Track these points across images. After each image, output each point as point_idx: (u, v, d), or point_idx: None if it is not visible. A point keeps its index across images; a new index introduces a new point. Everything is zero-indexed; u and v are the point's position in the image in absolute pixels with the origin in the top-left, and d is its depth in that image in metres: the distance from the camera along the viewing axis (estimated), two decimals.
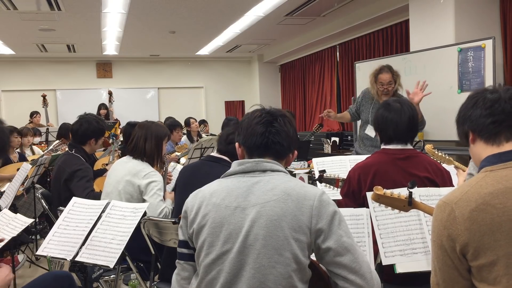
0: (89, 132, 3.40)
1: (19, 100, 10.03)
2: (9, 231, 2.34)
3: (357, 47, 7.80)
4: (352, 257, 1.41)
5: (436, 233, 1.31)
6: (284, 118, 1.56)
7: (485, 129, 1.35)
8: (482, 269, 1.24)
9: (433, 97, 4.88)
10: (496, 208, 1.23)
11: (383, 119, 2.28)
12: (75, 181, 3.19)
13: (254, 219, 1.41)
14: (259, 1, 6.22)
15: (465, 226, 1.24)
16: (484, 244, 1.23)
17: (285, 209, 1.42)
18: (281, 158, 1.56)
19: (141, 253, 2.62)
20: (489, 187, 1.26)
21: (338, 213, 1.46)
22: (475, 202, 1.25)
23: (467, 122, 1.39)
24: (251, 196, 1.46)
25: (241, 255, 1.40)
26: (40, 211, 4.54)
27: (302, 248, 1.40)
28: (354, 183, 2.26)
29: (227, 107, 11.77)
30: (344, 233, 1.43)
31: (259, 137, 1.52)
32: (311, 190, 1.47)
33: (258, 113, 1.57)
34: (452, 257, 1.28)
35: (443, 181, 2.23)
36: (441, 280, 1.33)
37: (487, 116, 1.34)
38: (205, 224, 1.48)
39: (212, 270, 1.44)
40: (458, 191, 1.31)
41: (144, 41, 8.85)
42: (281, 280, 1.38)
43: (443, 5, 4.85)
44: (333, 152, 6.87)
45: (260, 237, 1.39)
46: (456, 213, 1.26)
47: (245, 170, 1.52)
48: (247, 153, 1.57)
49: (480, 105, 1.36)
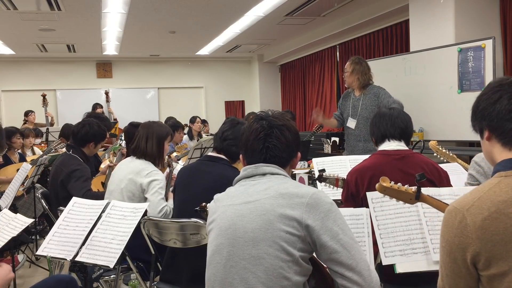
0: (89, 136, 3.42)
1: (19, 100, 10.02)
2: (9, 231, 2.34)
3: (357, 47, 7.80)
4: (348, 254, 1.42)
5: (446, 239, 1.25)
6: (281, 127, 1.58)
7: (505, 134, 1.27)
8: (493, 279, 1.19)
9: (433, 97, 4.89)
10: (510, 218, 1.16)
11: (378, 119, 2.36)
12: (72, 182, 3.20)
13: (244, 214, 1.48)
14: (259, 1, 6.22)
15: (477, 235, 1.18)
16: (496, 254, 1.17)
17: (275, 205, 1.46)
18: (283, 166, 1.60)
19: (141, 253, 2.62)
20: (503, 195, 1.19)
21: (334, 210, 1.47)
22: (487, 210, 1.18)
23: (486, 119, 1.29)
24: (245, 195, 1.53)
25: (231, 247, 1.47)
26: (40, 211, 4.54)
27: (293, 240, 1.42)
28: (352, 186, 2.28)
29: (227, 107, 11.76)
30: (341, 230, 1.44)
31: (257, 154, 1.58)
32: (305, 189, 1.50)
33: (254, 126, 1.59)
34: (461, 265, 1.23)
35: (440, 180, 2.24)
36: (447, 286, 1.29)
37: (510, 120, 1.25)
38: (213, 228, 1.58)
39: (211, 263, 1.52)
40: (470, 197, 1.23)
41: (144, 41, 8.85)
42: (272, 271, 1.41)
43: (443, 5, 4.85)
44: (333, 152, 6.87)
45: (249, 230, 1.45)
46: (467, 220, 1.20)
47: (247, 175, 1.58)
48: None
49: (505, 104, 1.25)
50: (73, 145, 3.44)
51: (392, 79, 5.26)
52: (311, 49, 9.25)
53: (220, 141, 2.46)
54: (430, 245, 1.81)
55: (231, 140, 2.43)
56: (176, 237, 2.31)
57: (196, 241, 2.25)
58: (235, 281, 1.44)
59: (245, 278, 1.43)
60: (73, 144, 3.45)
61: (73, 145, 3.44)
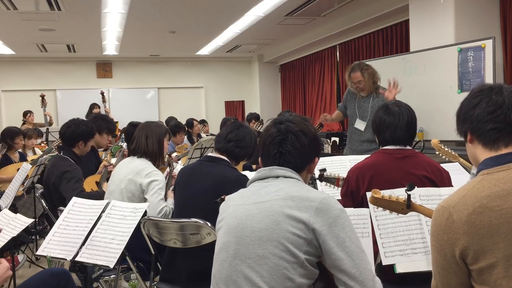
0: (76, 135, 3.41)
1: (19, 100, 10.01)
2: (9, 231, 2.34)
3: (357, 47, 7.80)
4: (353, 262, 1.41)
5: (435, 237, 1.31)
6: (297, 133, 1.58)
7: (485, 134, 1.34)
8: (482, 272, 1.24)
9: (433, 97, 4.89)
10: (494, 211, 1.23)
11: (381, 122, 2.29)
12: (64, 183, 3.18)
13: (253, 214, 1.49)
14: (259, 1, 6.22)
15: (464, 230, 1.24)
16: (483, 247, 1.22)
17: (284, 206, 1.46)
18: (298, 170, 1.60)
19: (141, 253, 2.62)
20: (486, 190, 1.26)
21: (343, 217, 1.46)
22: (472, 205, 1.25)
23: (467, 122, 1.38)
24: (256, 196, 1.54)
25: (237, 245, 1.48)
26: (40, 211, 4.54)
27: (299, 243, 1.42)
28: (352, 183, 2.27)
29: (227, 107, 11.76)
30: (348, 238, 1.43)
31: (271, 159, 1.60)
32: (316, 193, 1.50)
33: (272, 129, 1.62)
34: (451, 262, 1.28)
35: (442, 181, 2.23)
36: (440, 284, 1.33)
37: (488, 122, 1.32)
38: (221, 227, 1.60)
39: (217, 261, 1.54)
40: (455, 195, 1.30)
41: (144, 41, 8.85)
42: (276, 271, 1.41)
43: (443, 5, 4.85)
44: (333, 152, 6.87)
45: (256, 230, 1.46)
46: (454, 217, 1.26)
47: (261, 177, 1.60)
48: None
49: (483, 107, 1.33)
50: (63, 146, 3.44)
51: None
52: (311, 49, 9.25)
53: (224, 143, 2.48)
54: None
55: (235, 141, 2.47)
56: (176, 237, 2.31)
57: (196, 241, 2.25)
58: (239, 279, 1.45)
59: (249, 276, 1.44)
60: (63, 145, 3.45)
61: (63, 146, 3.44)
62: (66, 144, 3.44)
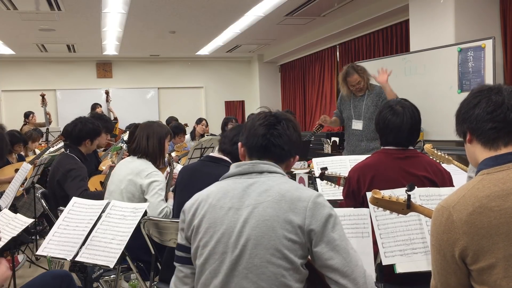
0: (83, 134, 3.42)
1: (19, 100, 10.01)
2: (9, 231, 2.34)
3: (357, 47, 7.79)
4: (344, 261, 1.40)
5: (435, 237, 1.31)
6: (289, 122, 1.56)
7: (484, 134, 1.34)
8: (482, 272, 1.24)
9: (433, 97, 4.89)
10: (493, 211, 1.23)
11: (384, 123, 2.25)
12: (68, 181, 3.20)
13: (246, 219, 1.43)
14: (259, 1, 6.22)
15: (463, 230, 1.24)
16: (482, 247, 1.22)
17: (277, 209, 1.42)
18: (280, 161, 1.56)
19: (141, 253, 2.62)
20: (486, 190, 1.26)
21: (334, 216, 1.45)
22: (472, 205, 1.25)
23: (467, 122, 1.38)
24: (246, 197, 1.47)
25: (233, 255, 1.42)
26: (40, 211, 4.54)
27: (295, 248, 1.40)
28: (353, 183, 2.27)
29: (227, 107, 11.76)
30: (338, 236, 1.43)
31: (260, 138, 1.53)
32: (306, 192, 1.48)
33: (263, 114, 1.58)
34: (450, 262, 1.28)
35: (443, 181, 2.22)
36: (439, 284, 1.33)
37: (488, 121, 1.33)
38: (200, 225, 1.50)
39: (206, 270, 1.46)
40: (455, 195, 1.30)
41: (144, 41, 8.84)
42: (274, 280, 1.38)
43: (443, 5, 4.85)
44: (333, 152, 6.86)
45: (252, 237, 1.41)
46: (454, 217, 1.26)
47: (242, 172, 1.54)
48: (248, 153, 1.59)
49: (483, 107, 1.34)
50: (70, 144, 3.44)
51: (392, 79, 5.22)
52: (311, 49, 9.25)
53: (229, 144, 2.47)
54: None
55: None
56: (176, 237, 2.31)
57: None
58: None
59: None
60: (69, 143, 3.46)
61: (69, 144, 3.45)
62: (72, 142, 3.45)
